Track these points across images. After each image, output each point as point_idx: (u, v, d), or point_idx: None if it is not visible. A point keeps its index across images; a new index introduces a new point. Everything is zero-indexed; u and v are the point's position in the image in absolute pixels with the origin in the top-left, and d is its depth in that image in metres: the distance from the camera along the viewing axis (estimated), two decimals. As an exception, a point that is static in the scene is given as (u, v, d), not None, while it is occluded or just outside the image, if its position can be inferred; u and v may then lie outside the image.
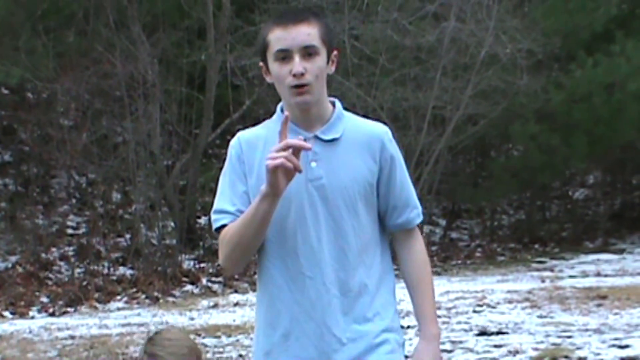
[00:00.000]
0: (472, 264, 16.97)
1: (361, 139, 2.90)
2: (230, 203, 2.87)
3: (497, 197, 20.03)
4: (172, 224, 16.51)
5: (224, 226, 2.86)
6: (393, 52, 15.99)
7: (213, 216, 2.91)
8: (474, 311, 10.60)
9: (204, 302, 12.82)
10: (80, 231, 16.78)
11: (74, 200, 17.87)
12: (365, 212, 2.88)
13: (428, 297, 2.95)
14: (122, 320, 11.51)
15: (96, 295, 13.93)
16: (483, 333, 9.24)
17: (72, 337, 10.31)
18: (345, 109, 2.97)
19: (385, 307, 2.92)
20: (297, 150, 2.67)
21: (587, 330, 9.19)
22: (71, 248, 16.05)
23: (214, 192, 3.03)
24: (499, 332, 9.26)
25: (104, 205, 17.25)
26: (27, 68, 15.46)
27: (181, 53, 16.91)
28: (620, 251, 17.61)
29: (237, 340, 9.57)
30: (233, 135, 3.14)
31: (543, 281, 13.56)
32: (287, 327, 2.87)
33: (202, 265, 15.77)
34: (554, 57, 18.70)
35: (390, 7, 15.83)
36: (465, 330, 9.30)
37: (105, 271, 15.11)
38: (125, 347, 9.48)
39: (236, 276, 14.99)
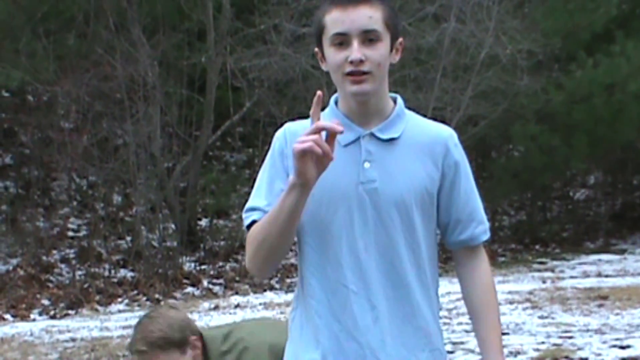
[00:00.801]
0: (473, 264, 16.95)
1: (423, 142, 2.59)
2: (264, 200, 2.56)
3: (497, 198, 20.00)
4: (173, 226, 16.50)
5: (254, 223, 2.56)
6: (393, 53, 15.98)
7: (244, 214, 2.60)
8: (475, 312, 10.58)
9: (205, 304, 12.81)
10: (81, 234, 16.78)
11: (74, 203, 17.87)
12: (421, 225, 2.56)
13: (493, 325, 2.62)
14: (123, 322, 11.50)
15: (97, 297, 13.93)
16: (484, 334, 9.23)
17: (73, 340, 10.31)
18: (410, 108, 2.68)
19: (436, 335, 2.63)
20: (331, 137, 2.35)
21: (588, 330, 9.19)
22: (72, 250, 16.05)
23: (214, 194, 2.91)
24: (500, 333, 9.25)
25: (104, 207, 17.24)
26: (28, 71, 15.47)
27: (181, 55, 16.91)
28: (622, 252, 17.60)
29: (238, 342, 9.55)
30: (233, 137, 2.95)
31: (544, 282, 13.56)
32: (326, 347, 2.54)
33: (203, 267, 15.77)
34: (554, 58, 18.70)
35: (391, 9, 15.81)
36: (467, 331, 9.29)
37: (106, 273, 15.11)
38: (126, 349, 9.48)
39: (237, 278, 14.99)
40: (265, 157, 2.65)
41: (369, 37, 2.49)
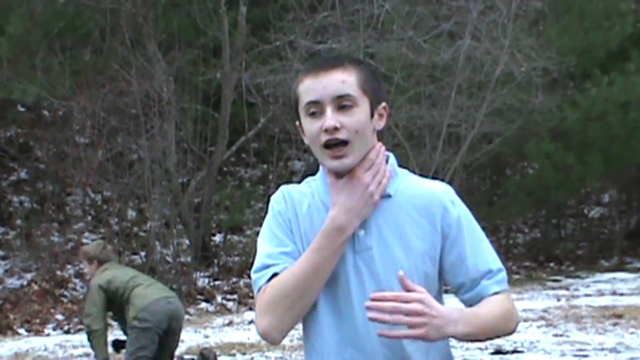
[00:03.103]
0: (487, 282, 16.89)
1: (418, 203, 2.38)
2: (278, 259, 2.42)
3: (512, 215, 19.98)
4: (187, 241, 16.52)
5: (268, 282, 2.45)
6: (408, 70, 16.00)
7: (256, 274, 2.47)
8: (489, 330, 10.55)
9: (219, 320, 12.80)
10: (96, 248, 16.80)
11: (89, 218, 17.92)
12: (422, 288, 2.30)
13: (484, 311, 2.36)
14: (136, 337, 11.49)
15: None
16: (498, 352, 9.21)
17: (87, 355, 10.31)
18: (402, 166, 2.49)
19: None
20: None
21: (603, 349, 9.15)
22: (86, 265, 16.07)
23: (228, 210, 2.82)
24: (515, 351, 9.23)
25: (119, 222, 17.28)
26: (44, 86, 15.54)
27: (196, 71, 16.97)
28: (636, 270, 17.52)
29: (252, 358, 9.55)
30: (248, 153, 2.83)
31: (558, 300, 13.51)
32: None
33: (217, 282, 15.77)
34: (569, 76, 18.70)
35: (406, 26, 15.84)
36: (481, 349, 9.26)
37: (121, 288, 15.12)
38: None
39: (251, 294, 14.97)
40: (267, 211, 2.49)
41: (342, 103, 2.31)
